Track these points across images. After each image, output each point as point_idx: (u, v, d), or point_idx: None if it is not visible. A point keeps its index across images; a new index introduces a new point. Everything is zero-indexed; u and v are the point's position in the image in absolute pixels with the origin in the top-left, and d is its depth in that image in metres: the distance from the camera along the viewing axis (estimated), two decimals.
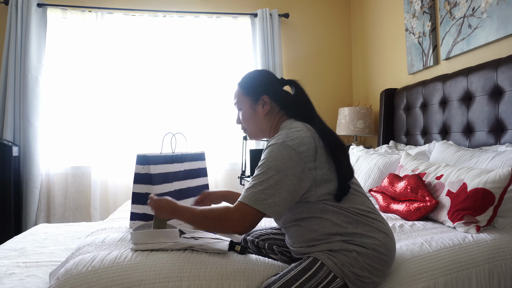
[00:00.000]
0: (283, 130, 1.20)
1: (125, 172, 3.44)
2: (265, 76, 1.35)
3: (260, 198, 1.07)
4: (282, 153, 1.10)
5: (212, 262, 1.21)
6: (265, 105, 1.31)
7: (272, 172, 1.09)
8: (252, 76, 1.36)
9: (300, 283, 1.07)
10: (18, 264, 1.59)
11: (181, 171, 1.75)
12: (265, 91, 1.31)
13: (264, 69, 1.39)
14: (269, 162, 1.11)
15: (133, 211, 1.61)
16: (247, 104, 1.33)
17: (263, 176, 1.09)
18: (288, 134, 1.15)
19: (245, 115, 1.34)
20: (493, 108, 1.98)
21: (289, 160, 1.10)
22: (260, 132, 1.35)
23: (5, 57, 3.21)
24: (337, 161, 1.17)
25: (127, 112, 3.49)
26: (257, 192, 1.08)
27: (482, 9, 2.11)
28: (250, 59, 3.73)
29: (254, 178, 1.12)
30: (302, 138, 1.14)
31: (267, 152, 1.14)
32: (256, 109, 1.32)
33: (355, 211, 1.17)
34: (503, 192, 1.48)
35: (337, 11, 4.02)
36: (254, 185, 1.10)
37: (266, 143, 1.35)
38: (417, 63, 2.79)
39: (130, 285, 1.13)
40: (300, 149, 1.11)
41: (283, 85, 1.36)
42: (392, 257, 1.18)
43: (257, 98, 1.31)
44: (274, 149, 1.12)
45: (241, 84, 1.36)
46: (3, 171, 2.97)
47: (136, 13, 3.53)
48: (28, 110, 3.22)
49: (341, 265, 1.10)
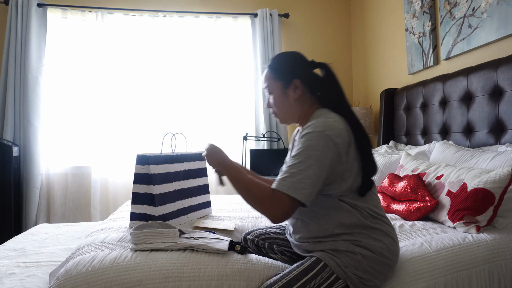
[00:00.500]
0: (320, 118, 1.17)
1: (125, 172, 3.44)
2: (296, 58, 1.30)
3: (299, 187, 1.06)
4: (321, 143, 1.09)
5: (212, 262, 1.21)
6: (296, 90, 1.26)
7: (311, 161, 1.07)
8: (283, 59, 1.31)
9: (302, 283, 1.07)
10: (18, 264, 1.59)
11: (181, 171, 1.75)
12: (297, 75, 1.26)
13: (295, 51, 1.33)
14: (308, 151, 1.09)
15: (133, 211, 1.61)
16: (278, 88, 1.29)
17: (302, 165, 1.07)
18: (326, 123, 1.13)
19: (276, 100, 1.30)
20: (493, 108, 1.98)
21: (327, 149, 1.09)
22: (291, 117, 1.31)
23: (5, 57, 3.21)
24: (365, 155, 1.17)
25: (127, 112, 3.49)
26: (296, 181, 1.06)
27: (482, 9, 2.11)
28: (250, 59, 3.72)
29: (292, 166, 1.09)
30: (339, 129, 1.13)
31: (305, 140, 1.11)
32: (287, 93, 1.27)
33: (369, 212, 1.17)
34: (503, 192, 1.48)
35: (337, 11, 4.02)
36: (293, 174, 1.07)
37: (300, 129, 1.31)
38: (417, 63, 2.79)
39: (130, 285, 1.13)
40: (337, 140, 1.11)
41: (314, 67, 1.30)
42: (396, 261, 1.18)
43: (289, 82, 1.26)
44: (313, 137, 1.10)
45: (272, 67, 1.31)
46: (3, 171, 2.97)
47: (136, 13, 3.53)
48: (28, 110, 3.22)
49: (344, 266, 1.10)
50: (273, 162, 3.45)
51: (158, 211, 1.56)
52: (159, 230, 1.33)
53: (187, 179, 1.79)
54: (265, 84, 1.33)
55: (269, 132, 3.65)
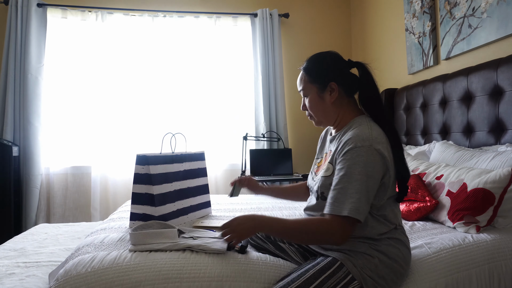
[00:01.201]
0: (362, 128, 1.15)
1: (125, 172, 3.44)
2: (332, 59, 1.26)
3: (359, 208, 1.05)
4: (371, 158, 1.08)
5: (212, 262, 1.21)
6: (333, 92, 1.23)
7: (364, 178, 1.07)
8: (319, 61, 1.27)
9: (320, 281, 1.06)
10: (18, 264, 1.59)
11: (181, 171, 1.75)
12: (333, 78, 1.23)
13: (330, 51, 1.29)
14: (360, 168, 1.07)
15: (133, 211, 1.61)
16: (313, 91, 1.26)
17: (357, 184, 1.06)
18: (372, 135, 1.12)
19: (312, 103, 1.27)
20: (493, 108, 1.98)
21: (377, 164, 1.09)
22: (327, 120, 1.29)
23: (5, 57, 3.21)
24: (401, 163, 1.17)
25: (127, 112, 3.49)
26: (354, 201, 1.05)
27: (482, 9, 2.11)
28: (250, 59, 3.72)
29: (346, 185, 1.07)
30: (383, 143, 1.12)
31: (356, 156, 1.09)
32: (323, 96, 1.25)
33: (393, 223, 1.17)
34: (503, 192, 1.48)
35: (337, 11, 4.02)
36: (351, 194, 1.06)
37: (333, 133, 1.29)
38: (417, 63, 2.79)
39: (129, 286, 1.13)
40: (384, 153, 1.10)
41: (351, 67, 1.27)
42: (408, 271, 1.19)
43: (325, 85, 1.24)
44: (363, 152, 1.08)
45: (307, 70, 1.27)
46: (3, 171, 2.97)
47: (136, 13, 3.53)
48: (28, 110, 3.21)
49: (360, 268, 1.10)
50: (273, 162, 3.44)
51: (158, 211, 1.56)
52: (158, 231, 1.33)
53: (187, 179, 1.79)
54: (300, 86, 1.29)
55: (269, 132, 3.64)
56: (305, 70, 1.28)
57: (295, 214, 1.92)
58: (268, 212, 1.98)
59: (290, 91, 3.83)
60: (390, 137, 1.17)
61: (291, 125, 3.85)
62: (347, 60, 1.27)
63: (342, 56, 1.28)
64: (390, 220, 1.16)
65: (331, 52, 1.29)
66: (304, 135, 3.84)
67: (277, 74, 3.68)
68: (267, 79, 3.67)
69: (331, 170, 1.18)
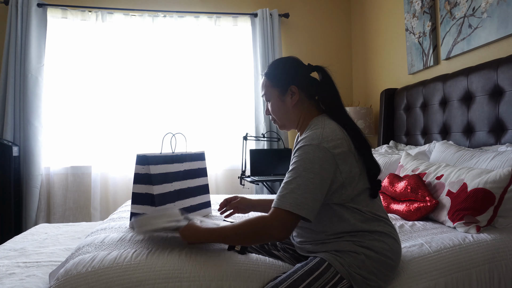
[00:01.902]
0: (316, 128, 1.17)
1: (125, 172, 3.44)
2: (291, 64, 1.30)
3: (301, 203, 1.05)
4: (319, 155, 1.09)
5: (212, 262, 1.21)
6: (293, 96, 1.26)
7: (310, 175, 1.07)
8: (279, 66, 1.31)
9: (308, 283, 1.07)
10: (18, 264, 1.59)
11: (181, 171, 1.75)
12: (293, 81, 1.27)
13: (290, 56, 1.33)
14: (306, 164, 1.09)
15: (133, 211, 1.61)
16: (275, 95, 1.29)
17: (301, 179, 1.07)
18: (323, 134, 1.13)
19: (274, 107, 1.31)
20: (493, 108, 1.98)
21: (325, 162, 1.09)
22: (290, 123, 1.32)
23: (5, 57, 3.21)
24: (366, 159, 1.18)
25: (127, 112, 3.49)
26: (296, 196, 1.06)
27: (482, 9, 2.11)
28: (250, 59, 3.72)
29: (290, 181, 1.09)
30: (336, 140, 1.13)
31: (303, 153, 1.11)
32: (284, 100, 1.28)
33: (371, 215, 1.17)
34: (504, 192, 1.48)
35: (337, 11, 4.02)
36: (293, 189, 1.07)
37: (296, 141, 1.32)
38: (417, 63, 2.79)
39: (130, 285, 1.13)
40: (335, 151, 1.11)
41: (311, 71, 1.30)
42: (398, 262, 1.18)
43: (285, 89, 1.27)
44: (310, 150, 1.10)
45: (268, 75, 1.31)
46: (3, 171, 2.97)
47: (136, 13, 3.53)
48: (28, 110, 3.22)
49: (348, 266, 1.10)
50: (273, 162, 3.44)
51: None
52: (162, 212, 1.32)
53: (187, 179, 1.79)
54: (262, 91, 1.33)
55: (269, 132, 3.65)
56: (266, 75, 1.32)
57: None
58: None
59: None
60: (353, 136, 1.19)
61: None
62: (306, 65, 1.31)
63: (301, 61, 1.32)
64: (365, 213, 1.16)
65: (291, 57, 1.32)
66: None
67: None
68: None
69: None
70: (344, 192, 1.14)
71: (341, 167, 1.12)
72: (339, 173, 1.12)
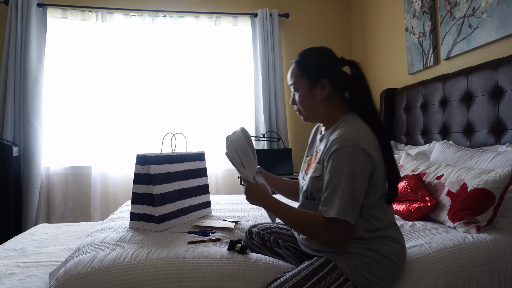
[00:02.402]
0: (349, 127, 1.14)
1: (125, 172, 3.44)
2: (325, 55, 1.24)
3: (349, 210, 1.06)
4: (357, 157, 1.07)
5: (211, 262, 1.21)
6: (323, 89, 1.22)
7: (351, 178, 1.06)
8: (311, 55, 1.25)
9: (312, 283, 1.07)
10: (18, 264, 1.59)
11: (181, 171, 1.75)
12: (325, 74, 1.22)
13: (323, 47, 1.27)
14: (347, 168, 1.07)
15: (133, 211, 1.61)
16: (304, 87, 1.24)
17: (345, 184, 1.06)
18: (358, 135, 1.11)
19: (301, 98, 1.25)
20: (493, 108, 1.98)
21: (364, 164, 1.08)
22: (316, 117, 1.28)
23: (5, 57, 3.21)
24: (390, 164, 1.16)
25: (127, 112, 3.49)
26: (343, 202, 1.06)
27: (482, 9, 2.11)
28: (250, 59, 3.72)
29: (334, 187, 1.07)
30: (370, 142, 1.11)
31: (342, 156, 1.08)
32: (314, 93, 1.23)
33: (384, 220, 1.17)
34: (504, 192, 1.48)
35: (337, 11, 4.02)
36: (340, 195, 1.06)
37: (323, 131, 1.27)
38: (417, 63, 2.79)
39: (130, 286, 1.13)
40: (371, 153, 1.10)
41: (343, 65, 1.25)
42: (403, 267, 1.19)
43: (316, 82, 1.22)
44: (349, 152, 1.08)
45: (299, 64, 1.25)
46: (3, 171, 2.97)
47: (136, 13, 3.53)
48: (28, 110, 3.21)
49: (354, 268, 1.10)
50: (273, 162, 3.44)
51: (158, 211, 1.56)
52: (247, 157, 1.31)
53: (187, 179, 1.79)
54: (291, 80, 1.28)
55: (269, 132, 3.64)
56: (297, 64, 1.26)
57: None
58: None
59: (290, 91, 3.83)
60: (380, 137, 1.16)
61: (291, 125, 3.85)
62: (340, 58, 1.25)
63: (335, 53, 1.27)
64: (380, 219, 1.16)
65: (325, 48, 1.26)
66: (304, 135, 3.84)
67: (277, 74, 3.68)
68: (267, 79, 3.67)
69: (320, 171, 1.17)
70: (374, 196, 1.14)
71: (378, 170, 1.12)
72: (376, 176, 1.12)
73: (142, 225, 1.58)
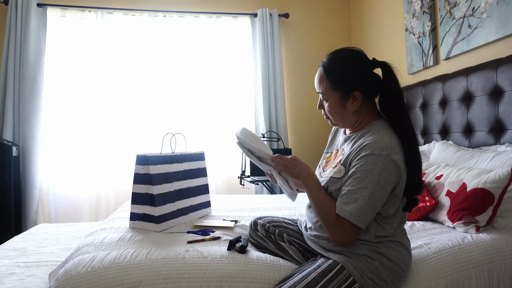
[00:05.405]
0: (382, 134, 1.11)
1: (125, 172, 3.44)
2: (356, 61, 1.15)
3: (362, 215, 1.06)
4: (386, 168, 1.06)
5: (211, 262, 1.21)
6: (355, 101, 1.16)
7: (375, 187, 1.06)
8: (342, 63, 1.16)
9: (322, 284, 1.07)
10: (18, 264, 1.59)
11: (181, 171, 1.75)
12: (358, 86, 1.15)
13: (354, 51, 1.18)
14: (373, 176, 1.06)
15: (132, 211, 1.62)
16: (335, 98, 1.17)
17: (366, 192, 1.06)
18: (392, 145, 1.09)
19: (331, 109, 1.19)
20: (493, 108, 1.98)
21: (391, 176, 1.08)
22: (345, 124, 1.24)
23: (5, 57, 3.21)
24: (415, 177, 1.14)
25: (127, 112, 3.49)
26: (359, 207, 1.06)
27: (482, 9, 2.11)
28: (250, 59, 3.72)
29: (354, 190, 1.07)
30: (400, 153, 1.10)
31: (371, 164, 1.07)
32: (345, 105, 1.17)
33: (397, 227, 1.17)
34: (503, 192, 1.48)
35: (337, 11, 4.02)
36: (356, 199, 1.06)
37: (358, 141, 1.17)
38: (417, 63, 2.79)
39: (129, 286, 1.13)
40: (400, 165, 1.09)
41: (374, 67, 1.18)
42: (408, 273, 1.20)
43: (348, 94, 1.16)
44: (379, 161, 1.06)
45: (329, 74, 1.16)
46: (3, 171, 2.97)
47: (136, 13, 3.53)
48: (27, 110, 3.21)
49: (361, 270, 1.10)
50: None
51: (157, 211, 1.56)
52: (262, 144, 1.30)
53: (187, 179, 1.79)
54: (319, 89, 1.20)
55: (269, 132, 3.64)
56: (326, 74, 1.17)
57: (295, 214, 1.92)
58: (268, 212, 1.98)
59: (290, 91, 3.83)
60: (409, 145, 1.12)
61: (291, 125, 3.85)
62: (371, 60, 1.18)
63: (365, 55, 1.19)
64: (394, 227, 1.16)
65: (355, 51, 1.18)
66: (304, 135, 3.84)
67: (277, 74, 3.68)
68: (267, 79, 3.67)
69: (342, 173, 1.15)
70: (393, 206, 1.14)
71: (403, 182, 1.12)
72: (400, 188, 1.12)
73: (142, 225, 1.59)
